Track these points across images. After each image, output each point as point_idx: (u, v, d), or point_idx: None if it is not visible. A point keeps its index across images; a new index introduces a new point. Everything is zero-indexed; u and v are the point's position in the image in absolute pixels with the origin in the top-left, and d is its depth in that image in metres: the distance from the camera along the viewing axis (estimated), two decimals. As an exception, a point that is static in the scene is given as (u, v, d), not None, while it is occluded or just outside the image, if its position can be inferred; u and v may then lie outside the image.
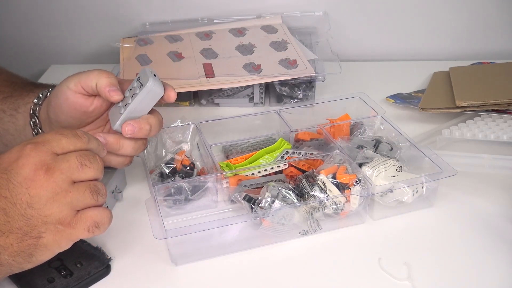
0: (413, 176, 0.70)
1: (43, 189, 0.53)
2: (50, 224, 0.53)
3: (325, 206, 0.67)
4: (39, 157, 0.53)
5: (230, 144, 0.81)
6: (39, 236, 0.53)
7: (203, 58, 1.00)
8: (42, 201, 0.53)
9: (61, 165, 0.54)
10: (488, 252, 0.65)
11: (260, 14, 1.13)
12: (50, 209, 0.53)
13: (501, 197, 0.74)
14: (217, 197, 0.74)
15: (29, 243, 0.53)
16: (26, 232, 0.53)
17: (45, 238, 0.54)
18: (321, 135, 0.81)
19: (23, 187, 0.52)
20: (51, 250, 0.55)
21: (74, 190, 0.54)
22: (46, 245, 0.54)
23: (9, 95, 0.75)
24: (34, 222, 0.53)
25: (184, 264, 0.65)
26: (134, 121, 0.64)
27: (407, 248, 0.66)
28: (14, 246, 0.53)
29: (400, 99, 0.98)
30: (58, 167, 0.53)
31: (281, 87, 0.97)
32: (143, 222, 0.69)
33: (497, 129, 0.83)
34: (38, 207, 0.53)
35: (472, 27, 1.13)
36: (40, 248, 0.54)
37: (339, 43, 1.09)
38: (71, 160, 0.54)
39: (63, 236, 0.54)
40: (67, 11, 1.15)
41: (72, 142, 0.56)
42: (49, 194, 0.53)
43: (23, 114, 0.72)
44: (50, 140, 0.55)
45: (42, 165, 0.53)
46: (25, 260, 0.54)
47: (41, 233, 0.53)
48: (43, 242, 0.54)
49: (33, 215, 0.53)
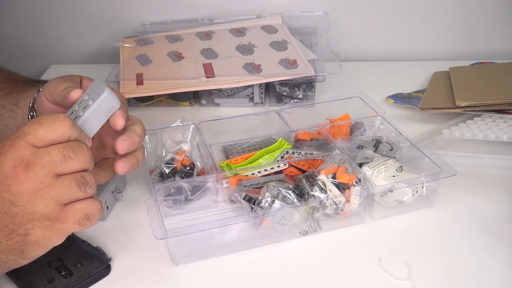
0: (413, 176, 0.70)
1: (24, 185, 0.51)
2: (36, 221, 0.52)
3: (325, 206, 0.67)
4: (17, 153, 0.51)
5: (230, 144, 0.81)
6: (27, 234, 0.52)
7: (203, 58, 1.00)
8: (24, 198, 0.51)
9: (42, 160, 0.52)
10: (488, 252, 0.65)
11: (260, 14, 1.13)
12: (34, 205, 0.52)
13: (501, 197, 0.73)
14: (217, 197, 0.74)
15: (18, 240, 0.52)
16: (12, 229, 0.52)
17: (33, 235, 0.52)
18: (321, 135, 0.81)
19: (4, 184, 0.51)
20: (43, 246, 0.54)
21: (59, 184, 0.52)
22: (36, 242, 0.53)
23: (9, 91, 0.75)
24: (19, 219, 0.52)
25: (184, 264, 0.65)
26: (126, 135, 0.61)
27: (407, 248, 0.66)
28: (3, 244, 0.52)
29: (400, 99, 0.98)
30: (39, 161, 0.51)
31: (281, 87, 0.97)
32: (143, 222, 0.69)
33: (497, 129, 0.83)
34: (21, 204, 0.51)
35: (472, 27, 1.13)
36: (31, 244, 0.53)
37: (339, 43, 1.09)
38: (53, 153, 0.52)
39: (53, 232, 0.53)
40: (67, 11, 1.16)
41: (50, 130, 0.53)
42: (31, 190, 0.51)
43: (22, 109, 0.73)
44: (27, 132, 0.52)
45: (20, 161, 0.51)
46: (18, 256, 0.54)
47: (28, 230, 0.52)
48: (32, 239, 0.53)
49: (17, 213, 0.51)
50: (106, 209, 0.71)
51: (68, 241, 0.65)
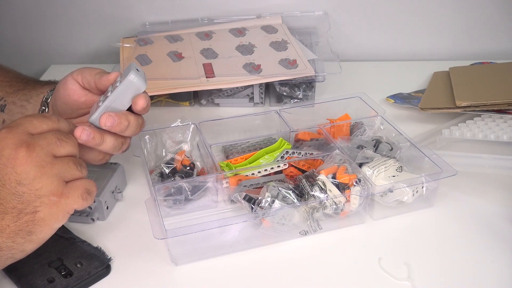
0: (413, 176, 0.70)
1: (28, 164, 0.53)
2: (44, 197, 0.54)
3: (325, 206, 0.67)
4: (16, 137, 0.54)
5: (230, 144, 0.81)
6: (35, 211, 0.54)
7: (203, 58, 1.00)
8: (30, 176, 0.53)
9: (40, 142, 0.55)
10: (488, 252, 0.65)
11: (260, 14, 1.13)
12: (40, 182, 0.54)
13: (501, 197, 0.74)
14: (217, 197, 0.74)
15: (26, 220, 0.54)
16: (20, 209, 0.54)
17: (41, 212, 0.54)
18: (321, 135, 0.81)
19: (8, 167, 0.53)
20: (50, 225, 0.55)
21: (59, 162, 0.55)
22: (43, 219, 0.55)
23: (21, 88, 0.77)
24: (27, 198, 0.54)
25: (184, 264, 0.65)
26: (114, 114, 0.63)
27: (407, 248, 0.66)
28: (11, 227, 0.54)
29: (400, 99, 0.98)
30: (38, 143, 0.55)
31: (281, 87, 0.97)
32: (143, 222, 0.69)
33: (497, 129, 0.83)
34: (28, 182, 0.53)
35: (473, 27, 1.13)
36: (38, 223, 0.55)
37: (339, 43, 1.09)
38: (48, 137, 0.56)
39: (59, 208, 0.55)
40: (67, 11, 1.15)
41: (43, 121, 0.57)
42: (36, 168, 0.54)
43: (33, 105, 0.74)
44: (22, 123, 0.56)
45: (21, 143, 0.54)
46: (25, 239, 0.55)
47: (36, 208, 0.54)
48: (40, 217, 0.54)
49: (24, 191, 0.53)
50: (106, 209, 0.71)
51: (68, 241, 0.66)
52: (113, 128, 0.63)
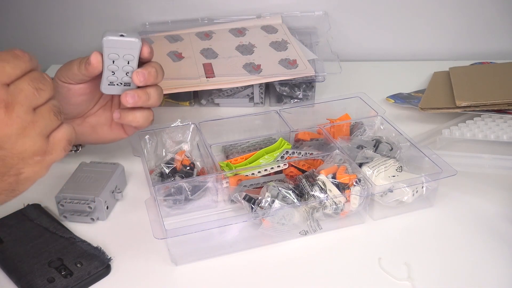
0: (413, 176, 0.70)
1: (9, 127, 0.50)
2: (27, 159, 0.52)
3: (325, 206, 0.67)
4: None
5: (230, 144, 0.81)
6: (19, 173, 0.52)
7: (203, 58, 1.00)
8: (12, 139, 0.50)
9: (18, 97, 0.51)
10: (488, 252, 0.65)
11: (260, 14, 1.13)
12: (23, 145, 0.51)
13: (501, 197, 0.74)
14: (217, 197, 0.74)
15: (10, 181, 0.52)
16: (4, 172, 0.51)
17: (25, 172, 0.52)
18: (321, 135, 0.81)
19: None
20: (33, 181, 0.54)
21: (40, 118, 0.52)
22: (28, 178, 0.53)
23: None
24: (9, 161, 0.51)
25: (184, 264, 0.65)
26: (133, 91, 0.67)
27: (407, 248, 0.66)
28: None
29: (400, 99, 0.98)
30: (16, 100, 0.50)
31: (281, 87, 0.97)
32: (143, 222, 0.69)
33: (497, 129, 0.83)
34: (10, 146, 0.50)
35: (473, 27, 1.13)
36: (22, 182, 0.53)
37: (339, 43, 1.09)
38: (25, 88, 0.52)
39: (43, 165, 0.53)
40: (67, 11, 1.16)
41: (16, 65, 0.52)
42: (17, 130, 0.50)
43: None
44: None
45: None
46: (8, 196, 0.53)
47: (19, 169, 0.52)
48: (24, 177, 0.53)
49: (6, 155, 0.51)
50: (106, 209, 0.71)
51: (68, 241, 0.66)
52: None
